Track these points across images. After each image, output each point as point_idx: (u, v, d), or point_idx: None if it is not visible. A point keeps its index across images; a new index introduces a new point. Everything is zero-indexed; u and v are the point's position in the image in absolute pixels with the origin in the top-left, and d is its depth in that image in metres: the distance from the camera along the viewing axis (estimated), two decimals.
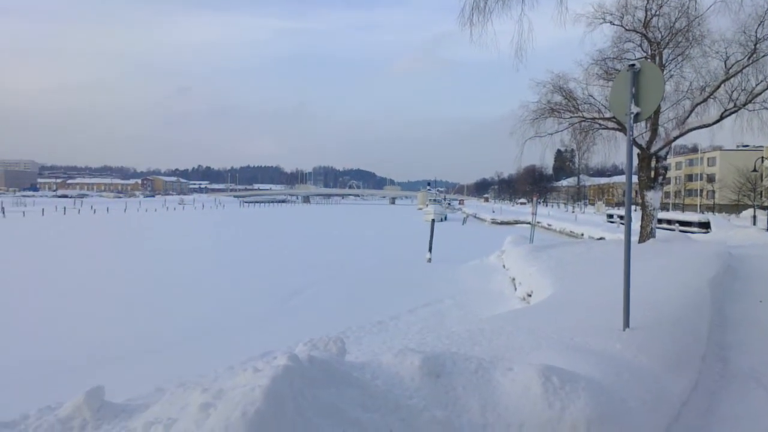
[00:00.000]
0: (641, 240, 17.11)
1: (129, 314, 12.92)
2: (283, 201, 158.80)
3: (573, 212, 75.81)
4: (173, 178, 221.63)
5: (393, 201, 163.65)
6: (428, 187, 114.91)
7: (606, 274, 10.99)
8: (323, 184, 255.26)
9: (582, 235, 41.47)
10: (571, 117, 19.27)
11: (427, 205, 78.03)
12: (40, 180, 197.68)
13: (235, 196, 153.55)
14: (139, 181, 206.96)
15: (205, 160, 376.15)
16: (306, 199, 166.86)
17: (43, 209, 68.02)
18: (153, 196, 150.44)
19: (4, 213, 59.87)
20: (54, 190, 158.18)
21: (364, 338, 10.40)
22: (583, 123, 19.46)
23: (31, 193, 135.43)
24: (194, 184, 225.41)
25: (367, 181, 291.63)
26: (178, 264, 22.87)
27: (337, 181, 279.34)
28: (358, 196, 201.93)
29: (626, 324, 5.41)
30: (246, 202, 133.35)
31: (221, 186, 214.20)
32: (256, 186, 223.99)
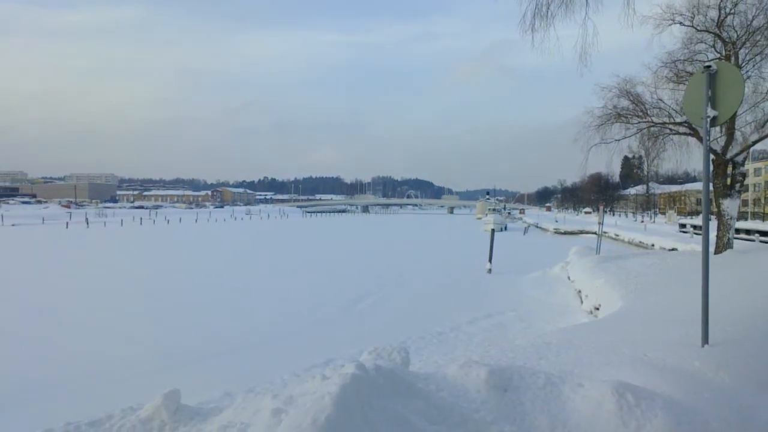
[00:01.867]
0: (717, 251, 16.11)
1: (196, 318, 13.48)
2: (343, 211, 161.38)
3: (642, 222, 72.39)
4: (240, 190, 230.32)
5: (451, 211, 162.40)
6: (487, 197, 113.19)
7: (679, 286, 10.43)
8: (382, 194, 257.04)
9: (652, 245, 39.53)
10: (639, 122, 18.51)
11: (486, 215, 76.90)
12: (119, 192, 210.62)
13: (298, 206, 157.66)
14: (209, 192, 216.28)
15: (270, 172, 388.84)
16: (365, 209, 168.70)
17: (122, 220, 72.59)
18: (222, 206, 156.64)
19: (88, 223, 64.22)
20: (131, 202, 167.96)
21: (425, 349, 10.35)
22: (652, 128, 18.64)
23: (111, 204, 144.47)
24: (260, 194, 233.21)
25: (425, 190, 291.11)
26: (247, 271, 23.64)
27: (395, 190, 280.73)
28: (416, 205, 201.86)
29: (705, 340, 5.10)
30: (308, 212, 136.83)
31: (285, 196, 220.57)
32: (317, 196, 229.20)
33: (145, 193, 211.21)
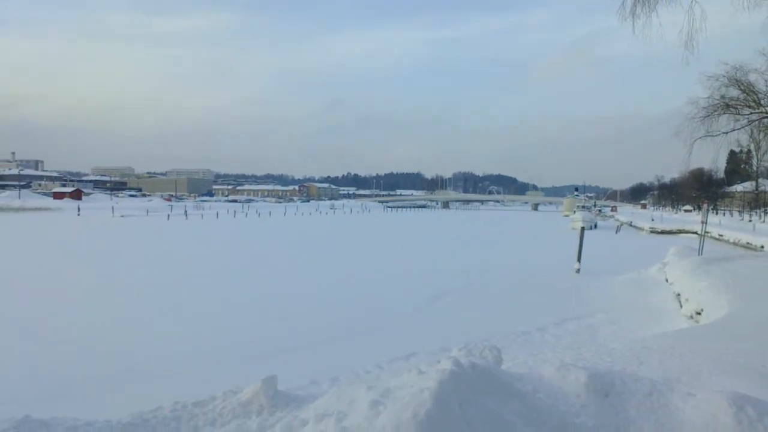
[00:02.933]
0: None
1: (283, 310, 14.03)
2: (423, 206, 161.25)
3: (750, 221, 66.33)
4: (325, 185, 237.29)
5: (536, 207, 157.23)
6: (576, 193, 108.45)
7: None
8: (462, 189, 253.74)
9: (762, 247, 36.09)
10: (750, 113, 17.02)
11: (574, 212, 73.75)
12: (214, 186, 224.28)
13: (379, 201, 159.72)
14: (296, 187, 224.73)
15: (353, 168, 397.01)
16: (445, 205, 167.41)
17: (217, 213, 77.45)
18: (308, 201, 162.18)
19: (186, 215, 69.23)
20: (226, 196, 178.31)
21: (510, 348, 10.09)
22: (765, 120, 17.05)
23: (207, 198, 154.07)
24: (344, 190, 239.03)
25: (508, 186, 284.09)
26: (328, 265, 24.30)
27: (476, 186, 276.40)
28: (498, 201, 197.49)
29: None
30: (389, 207, 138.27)
31: (367, 192, 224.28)
32: (398, 191, 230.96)
33: (238, 187, 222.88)
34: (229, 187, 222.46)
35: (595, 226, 62.49)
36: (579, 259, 22.13)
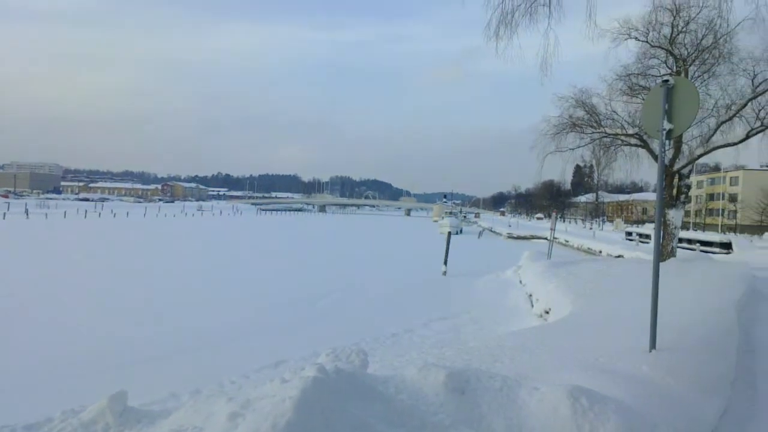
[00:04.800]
0: (662, 259, 16.79)
1: (143, 316, 12.99)
2: (300, 210, 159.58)
3: (591, 229, 74.90)
4: (193, 185, 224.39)
5: (408, 213, 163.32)
6: (444, 200, 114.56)
7: (626, 292, 10.82)
8: (339, 193, 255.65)
9: (600, 252, 40.93)
10: (592, 132, 19.14)
11: (442, 218, 77.75)
12: (63, 183, 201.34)
13: (252, 204, 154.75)
14: (159, 186, 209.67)
15: (225, 168, 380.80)
16: (322, 209, 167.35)
17: (65, 212, 69.27)
18: (172, 201, 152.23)
19: (27, 214, 61.03)
20: (76, 194, 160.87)
21: (378, 350, 10.30)
22: (604, 139, 19.32)
23: (54, 195, 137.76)
24: (213, 190, 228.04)
25: (383, 191, 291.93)
26: (191, 270, 23.00)
27: (353, 191, 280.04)
28: (373, 206, 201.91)
29: (653, 345, 5.28)
30: (263, 210, 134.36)
31: (240, 193, 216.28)
32: (273, 194, 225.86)
33: (92, 185, 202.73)
34: (81, 184, 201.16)
35: (461, 231, 66.43)
36: (446, 262, 23.35)
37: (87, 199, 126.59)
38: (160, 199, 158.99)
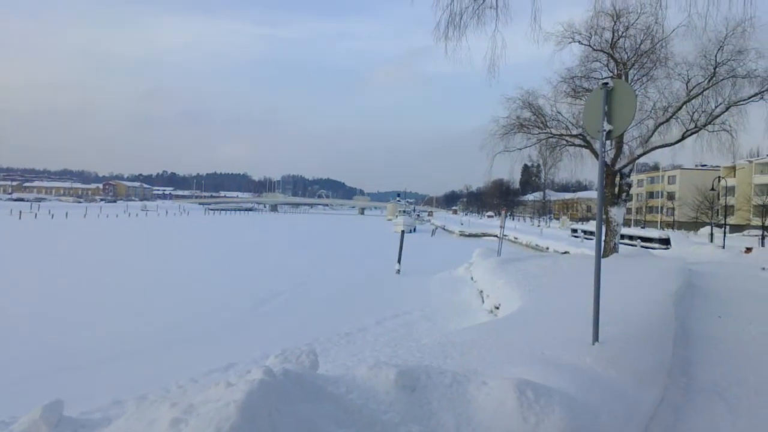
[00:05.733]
0: (605, 255, 17.51)
1: (90, 319, 12.43)
2: (250, 209, 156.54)
3: (538, 226, 77.17)
4: (136, 184, 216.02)
5: (362, 212, 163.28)
6: (398, 199, 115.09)
7: (572, 287, 11.19)
8: (292, 192, 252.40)
9: (547, 248, 42.23)
10: (539, 133, 19.71)
11: (396, 216, 78.20)
12: None
13: (200, 203, 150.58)
14: (101, 185, 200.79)
15: (170, 166, 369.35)
16: (274, 208, 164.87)
17: None
18: (114, 201, 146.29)
19: None
20: (9, 193, 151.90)
21: (332, 350, 10.27)
22: (550, 139, 19.92)
23: None
24: (158, 190, 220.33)
25: (337, 191, 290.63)
26: (138, 271, 22.20)
27: (306, 190, 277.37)
28: (327, 205, 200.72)
29: (596, 338, 5.47)
30: (211, 210, 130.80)
31: (186, 192, 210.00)
32: (222, 193, 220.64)
33: (27, 184, 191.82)
34: (14, 183, 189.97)
35: (415, 230, 67.08)
36: (399, 261, 23.51)
37: (22, 199, 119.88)
38: (101, 199, 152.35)
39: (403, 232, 26.46)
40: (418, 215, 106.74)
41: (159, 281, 19.55)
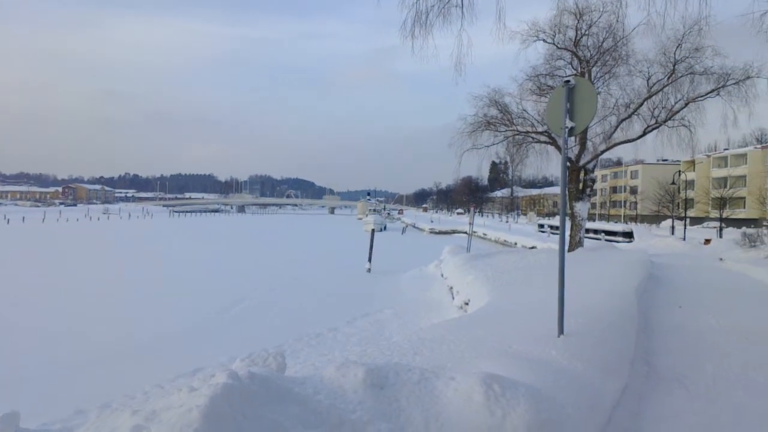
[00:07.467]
0: (570, 249, 17.88)
1: (57, 326, 12.04)
2: (217, 210, 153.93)
3: (507, 222, 78.32)
4: (97, 187, 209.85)
5: (332, 211, 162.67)
6: (368, 197, 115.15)
7: (539, 281, 11.38)
8: (260, 193, 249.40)
9: (515, 244, 42.89)
10: (506, 130, 19.97)
11: (366, 215, 78.21)
12: None
13: (164, 205, 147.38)
14: (60, 189, 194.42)
15: (132, 168, 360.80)
16: (241, 209, 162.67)
17: None
18: (75, 204, 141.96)
19: None
20: None
21: (302, 351, 10.18)
22: (517, 136, 20.21)
23: None
24: (120, 192, 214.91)
25: (306, 190, 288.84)
26: (100, 277, 21.61)
27: (274, 190, 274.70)
28: (296, 205, 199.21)
29: (561, 331, 5.58)
30: (176, 212, 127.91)
31: (150, 194, 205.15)
32: (187, 195, 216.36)
33: None
34: None
35: (385, 228, 67.21)
36: (370, 260, 23.50)
37: None
38: (61, 203, 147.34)
39: (373, 230, 26.48)
40: (389, 213, 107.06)
41: (121, 286, 19.07)
